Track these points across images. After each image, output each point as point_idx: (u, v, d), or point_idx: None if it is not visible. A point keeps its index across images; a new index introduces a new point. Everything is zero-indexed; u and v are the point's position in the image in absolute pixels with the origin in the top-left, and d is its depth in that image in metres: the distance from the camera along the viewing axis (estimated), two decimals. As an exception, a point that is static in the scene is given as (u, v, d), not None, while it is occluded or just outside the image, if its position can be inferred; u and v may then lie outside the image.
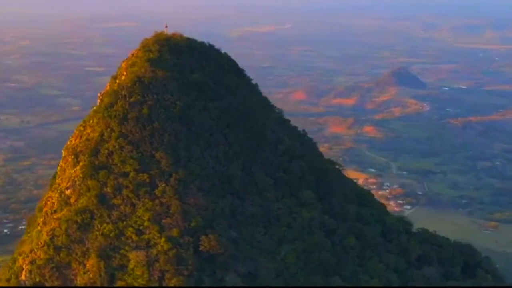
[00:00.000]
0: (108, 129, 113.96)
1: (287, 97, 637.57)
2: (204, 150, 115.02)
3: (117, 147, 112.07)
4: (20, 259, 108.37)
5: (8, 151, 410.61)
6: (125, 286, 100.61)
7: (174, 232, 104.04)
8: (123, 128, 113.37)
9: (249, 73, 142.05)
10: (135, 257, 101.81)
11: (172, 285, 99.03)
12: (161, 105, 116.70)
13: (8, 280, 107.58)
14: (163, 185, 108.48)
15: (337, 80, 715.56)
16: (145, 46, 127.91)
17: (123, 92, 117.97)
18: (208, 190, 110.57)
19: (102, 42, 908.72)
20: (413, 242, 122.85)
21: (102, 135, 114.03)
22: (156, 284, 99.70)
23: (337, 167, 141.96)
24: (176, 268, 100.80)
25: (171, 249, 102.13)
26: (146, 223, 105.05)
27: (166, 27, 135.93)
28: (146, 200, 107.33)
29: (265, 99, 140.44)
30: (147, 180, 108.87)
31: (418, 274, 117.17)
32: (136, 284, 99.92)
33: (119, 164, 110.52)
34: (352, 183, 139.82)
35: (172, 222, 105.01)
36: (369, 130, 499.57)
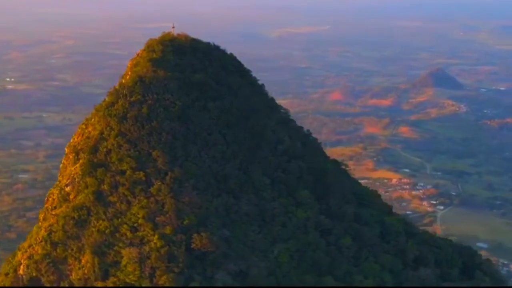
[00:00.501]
0: (108, 128, 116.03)
1: (323, 97, 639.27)
2: (201, 149, 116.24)
3: (115, 145, 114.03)
4: (19, 253, 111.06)
5: (49, 147, 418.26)
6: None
7: (167, 230, 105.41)
8: (122, 127, 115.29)
9: (287, 73, 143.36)
10: (127, 254, 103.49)
11: (162, 282, 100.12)
12: (160, 104, 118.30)
13: (6, 274, 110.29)
14: (159, 183, 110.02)
15: (374, 80, 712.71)
16: (149, 46, 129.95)
17: (124, 91, 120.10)
18: (203, 189, 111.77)
19: (143, 42, 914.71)
20: (410, 243, 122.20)
21: (102, 133, 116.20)
22: (147, 281, 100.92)
23: (342, 167, 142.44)
24: (167, 265, 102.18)
25: (163, 247, 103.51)
26: (140, 221, 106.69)
27: (173, 27, 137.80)
28: (142, 198, 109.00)
29: (271, 99, 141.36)
30: (143, 178, 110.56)
31: (414, 275, 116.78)
32: (127, 281, 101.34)
33: (116, 162, 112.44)
34: (354, 183, 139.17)
35: (165, 220, 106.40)
36: (404, 130, 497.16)
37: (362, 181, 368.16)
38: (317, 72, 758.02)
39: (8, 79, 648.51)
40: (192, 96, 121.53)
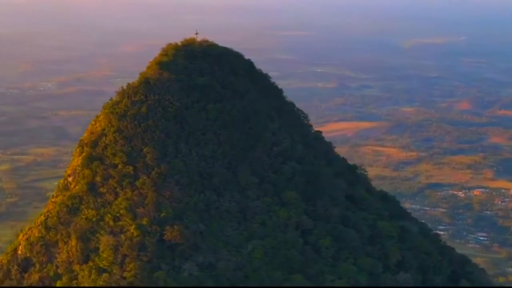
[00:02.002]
0: (109, 124, 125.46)
1: (451, 106, 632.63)
2: (192, 148, 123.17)
3: (112, 140, 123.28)
4: (21, 235, 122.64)
5: None
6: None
7: (144, 221, 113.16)
8: (121, 124, 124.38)
9: (416, 82, 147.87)
10: (105, 241, 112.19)
11: (129, 269, 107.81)
12: (160, 104, 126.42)
13: (7, 253, 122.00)
14: (145, 177, 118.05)
15: (505, 91, 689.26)
16: (164, 51, 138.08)
17: (129, 91, 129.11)
18: (186, 185, 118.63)
19: (279, 48, 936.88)
20: (393, 248, 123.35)
21: (103, 129, 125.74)
22: (118, 267, 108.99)
23: (358, 171, 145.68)
24: (137, 254, 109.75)
25: (138, 236, 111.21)
26: (122, 211, 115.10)
27: (196, 33, 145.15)
28: (128, 190, 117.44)
29: (287, 104, 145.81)
30: (132, 172, 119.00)
31: (392, 279, 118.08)
32: (101, 266, 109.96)
33: (110, 156, 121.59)
34: (363, 187, 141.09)
35: (144, 212, 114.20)
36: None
37: (478, 190, 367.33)
38: (447, 82, 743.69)
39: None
40: (192, 98, 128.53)
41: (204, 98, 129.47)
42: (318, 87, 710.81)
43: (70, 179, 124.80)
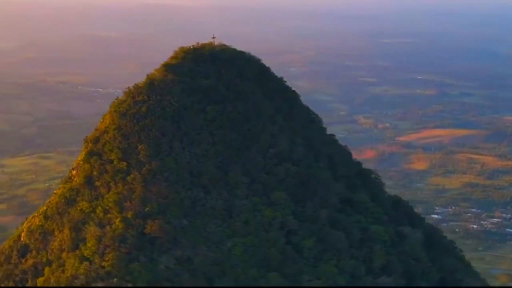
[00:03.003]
0: (111, 122, 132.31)
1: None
2: (186, 147, 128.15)
3: (111, 137, 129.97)
4: (25, 222, 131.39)
5: None
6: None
7: (129, 214, 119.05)
8: (121, 122, 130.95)
9: None
10: (91, 231, 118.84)
11: (108, 259, 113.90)
12: (160, 104, 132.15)
13: (11, 239, 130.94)
14: (136, 173, 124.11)
15: None
16: (175, 53, 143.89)
17: (134, 91, 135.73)
18: (174, 182, 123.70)
19: (379, 55, 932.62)
20: (379, 252, 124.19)
21: (106, 127, 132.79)
22: (98, 257, 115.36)
23: (373, 176, 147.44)
24: (118, 245, 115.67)
25: (121, 228, 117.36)
26: (111, 204, 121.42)
27: (213, 38, 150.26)
28: (119, 184, 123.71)
29: (296, 107, 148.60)
30: (125, 168, 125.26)
31: (372, 282, 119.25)
32: (85, 254, 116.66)
33: (108, 152, 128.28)
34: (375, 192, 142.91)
35: (131, 206, 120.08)
36: None
37: None
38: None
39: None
40: (193, 99, 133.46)
41: (205, 100, 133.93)
42: (417, 94, 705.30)
43: (73, 172, 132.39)
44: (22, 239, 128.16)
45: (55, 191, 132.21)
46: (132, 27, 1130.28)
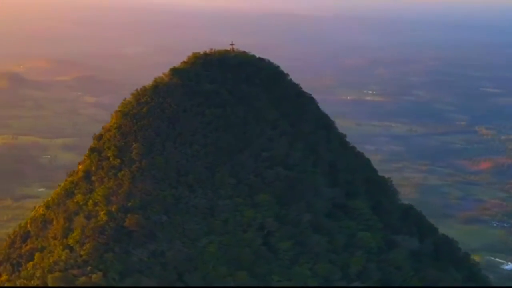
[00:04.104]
0: (115, 122, 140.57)
1: None
2: (178, 147, 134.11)
3: (112, 136, 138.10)
4: (33, 211, 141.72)
5: (386, 153, 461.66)
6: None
7: (113, 208, 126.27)
8: (122, 122, 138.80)
9: None
10: (79, 222, 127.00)
11: (84, 248, 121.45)
12: (160, 106, 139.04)
13: (20, 226, 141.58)
14: (126, 170, 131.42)
15: None
16: (187, 59, 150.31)
17: (141, 93, 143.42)
18: (161, 179, 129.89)
19: (503, 65, 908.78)
20: (356, 258, 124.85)
21: (110, 125, 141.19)
22: (78, 245, 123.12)
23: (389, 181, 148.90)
24: (97, 236, 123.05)
25: (103, 221, 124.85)
26: (100, 198, 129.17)
27: (231, 44, 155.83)
28: (111, 180, 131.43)
29: (307, 114, 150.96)
30: (118, 165, 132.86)
31: (345, 287, 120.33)
32: (69, 243, 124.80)
33: (106, 149, 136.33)
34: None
35: (116, 200, 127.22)
36: None
37: None
38: None
39: (369, 92, 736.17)
40: (193, 102, 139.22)
41: (205, 103, 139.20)
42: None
43: (79, 167, 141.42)
44: (28, 226, 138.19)
45: (59, 184, 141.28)
46: (258, 36, 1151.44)
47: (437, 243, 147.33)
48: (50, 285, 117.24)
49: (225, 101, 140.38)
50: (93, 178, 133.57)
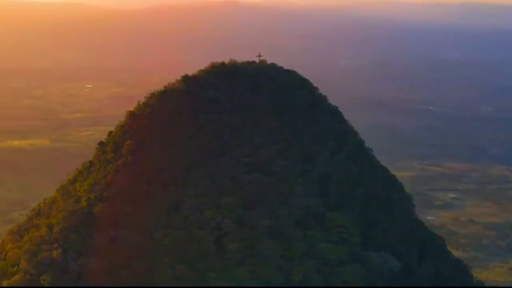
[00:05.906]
0: (124, 121, 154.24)
1: None
2: (164, 148, 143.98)
3: (117, 132, 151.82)
4: (38, 206, 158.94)
5: None
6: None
7: (92, 196, 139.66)
8: (126, 121, 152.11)
9: None
10: (66, 204, 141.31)
11: (56, 229, 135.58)
12: (160, 109, 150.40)
13: (39, 205, 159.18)
14: (114, 164, 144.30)
15: None
16: (205, 68, 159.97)
17: (152, 97, 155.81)
18: (139, 175, 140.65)
19: None
20: (300, 267, 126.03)
21: (122, 124, 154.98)
22: (57, 227, 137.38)
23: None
24: (70, 218, 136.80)
25: (80, 206, 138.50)
26: (87, 186, 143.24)
27: (259, 56, 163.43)
28: (101, 171, 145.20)
29: (311, 125, 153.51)
30: (110, 159, 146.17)
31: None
32: (51, 223, 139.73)
33: (108, 144, 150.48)
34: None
35: (97, 189, 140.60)
36: None
37: None
38: None
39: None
40: (191, 107, 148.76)
41: (202, 109, 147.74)
42: None
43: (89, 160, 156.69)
44: (42, 205, 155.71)
45: (67, 176, 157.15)
46: (482, 52, 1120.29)
47: (444, 267, 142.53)
48: (22, 257, 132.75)
49: (223, 108, 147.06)
50: (92, 169, 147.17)
